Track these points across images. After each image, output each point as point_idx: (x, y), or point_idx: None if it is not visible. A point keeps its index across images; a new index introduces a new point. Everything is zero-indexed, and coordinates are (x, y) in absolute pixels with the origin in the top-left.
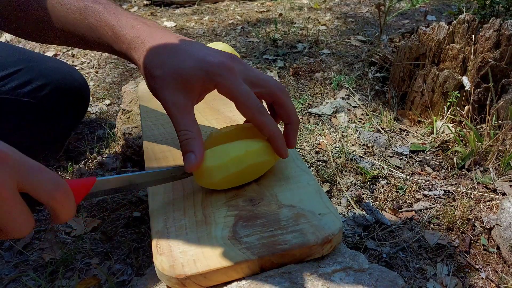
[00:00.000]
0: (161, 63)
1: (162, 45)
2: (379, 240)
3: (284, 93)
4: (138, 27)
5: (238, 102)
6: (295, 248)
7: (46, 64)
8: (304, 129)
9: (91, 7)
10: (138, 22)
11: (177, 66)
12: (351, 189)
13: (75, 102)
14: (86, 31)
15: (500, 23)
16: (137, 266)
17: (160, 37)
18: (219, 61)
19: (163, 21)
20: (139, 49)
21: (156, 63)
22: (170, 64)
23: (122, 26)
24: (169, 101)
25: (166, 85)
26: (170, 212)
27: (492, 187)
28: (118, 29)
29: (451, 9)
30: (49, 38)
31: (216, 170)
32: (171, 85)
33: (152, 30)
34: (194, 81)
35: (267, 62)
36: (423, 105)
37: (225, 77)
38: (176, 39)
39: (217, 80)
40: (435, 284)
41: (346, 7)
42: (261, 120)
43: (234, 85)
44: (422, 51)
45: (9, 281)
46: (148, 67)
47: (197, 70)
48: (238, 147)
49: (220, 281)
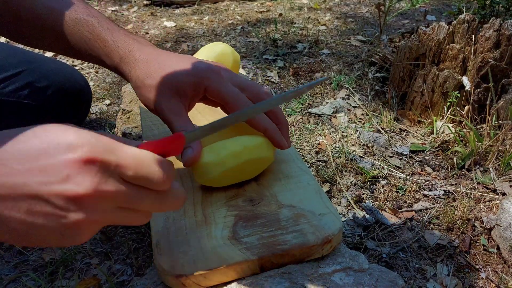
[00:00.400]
0: (152, 72)
1: (152, 58)
2: (379, 240)
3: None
4: (130, 43)
5: (229, 103)
6: (295, 248)
7: (48, 66)
8: (304, 129)
9: (85, 19)
10: (130, 38)
11: (168, 74)
12: (351, 189)
13: (77, 104)
14: (79, 42)
15: (500, 23)
16: (137, 266)
17: (149, 51)
18: (206, 67)
19: (163, 21)
20: (130, 62)
21: (147, 73)
22: (161, 72)
23: (114, 41)
24: (163, 108)
25: (159, 93)
26: (170, 212)
27: (492, 187)
28: (111, 43)
29: (451, 9)
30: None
31: (214, 165)
32: (164, 92)
33: (142, 45)
34: (186, 86)
35: (267, 62)
36: (423, 105)
37: (214, 80)
38: (164, 52)
39: (207, 83)
40: (435, 284)
41: (346, 7)
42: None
43: (223, 87)
44: (422, 51)
45: (9, 281)
46: (140, 77)
47: (188, 76)
48: (236, 142)
49: (220, 281)
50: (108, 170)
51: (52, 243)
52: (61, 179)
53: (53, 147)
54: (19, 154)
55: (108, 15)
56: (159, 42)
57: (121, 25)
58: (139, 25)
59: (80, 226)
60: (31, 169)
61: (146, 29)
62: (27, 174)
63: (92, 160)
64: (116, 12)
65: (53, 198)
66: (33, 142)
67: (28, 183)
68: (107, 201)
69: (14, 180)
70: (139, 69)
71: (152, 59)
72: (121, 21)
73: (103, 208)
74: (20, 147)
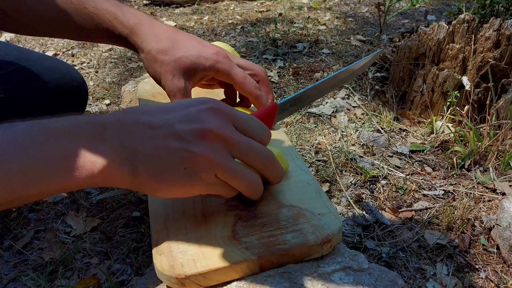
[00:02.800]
0: (165, 50)
1: (163, 34)
2: (378, 240)
3: (265, 73)
4: (140, 16)
5: (238, 81)
6: (294, 248)
7: (44, 63)
8: (304, 129)
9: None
10: (138, 12)
11: (180, 54)
12: (351, 189)
13: (74, 102)
14: (84, 20)
15: (500, 23)
16: (137, 265)
17: (160, 26)
18: (216, 51)
19: (163, 21)
20: (141, 35)
21: (160, 49)
22: (173, 52)
23: (124, 13)
24: (172, 85)
25: (170, 71)
26: (170, 212)
27: (492, 187)
28: (120, 15)
29: (451, 9)
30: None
31: None
32: (175, 70)
33: (153, 20)
34: (196, 68)
35: (267, 62)
36: (423, 105)
37: (224, 63)
38: (174, 30)
39: (217, 66)
40: (435, 284)
41: (346, 6)
42: (258, 94)
43: (232, 69)
44: (422, 51)
45: (9, 280)
46: (152, 52)
47: (199, 58)
48: None
49: (220, 281)
50: (228, 119)
51: (178, 182)
52: (193, 120)
53: (188, 102)
54: (165, 108)
55: None
56: None
57: None
58: None
59: (198, 161)
60: (174, 117)
61: None
62: (170, 120)
63: (217, 110)
64: None
65: (184, 133)
66: (172, 103)
67: (171, 125)
68: (223, 142)
69: (159, 123)
70: (151, 43)
71: (164, 35)
72: None
73: (219, 149)
74: (163, 105)
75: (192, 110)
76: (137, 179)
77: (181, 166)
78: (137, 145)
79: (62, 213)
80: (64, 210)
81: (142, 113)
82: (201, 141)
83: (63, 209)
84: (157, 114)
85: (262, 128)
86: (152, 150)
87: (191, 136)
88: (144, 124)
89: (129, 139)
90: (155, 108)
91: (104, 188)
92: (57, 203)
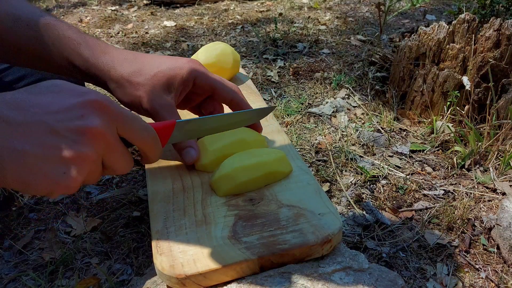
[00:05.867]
0: (138, 71)
1: (132, 57)
2: (379, 240)
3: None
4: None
5: (219, 88)
6: (294, 248)
7: None
8: (304, 129)
9: (53, 24)
10: (100, 41)
11: (155, 71)
12: (351, 189)
13: None
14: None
15: (500, 23)
16: (137, 265)
17: (125, 51)
18: (188, 60)
19: (163, 21)
20: (108, 63)
21: (133, 71)
22: (147, 71)
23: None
24: (156, 104)
25: (150, 90)
26: (170, 212)
27: (492, 186)
28: (83, 45)
29: (451, 9)
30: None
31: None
32: (155, 89)
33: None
34: (174, 80)
35: (267, 62)
36: (423, 104)
37: (201, 71)
38: (138, 53)
39: (196, 74)
40: (435, 283)
41: (346, 6)
42: (241, 98)
43: (210, 76)
44: (422, 51)
45: (9, 280)
46: (124, 76)
47: (174, 70)
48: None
49: (220, 280)
50: (111, 118)
51: (51, 177)
52: (75, 117)
53: (68, 93)
54: (40, 101)
55: (108, 15)
56: (159, 42)
57: (121, 25)
58: (139, 24)
59: (77, 159)
60: (49, 111)
61: (146, 29)
62: (46, 115)
63: (101, 104)
64: (116, 12)
65: (65, 131)
66: (50, 93)
67: (47, 121)
68: (103, 142)
69: (34, 119)
70: (120, 68)
71: (133, 58)
72: (121, 21)
73: (98, 149)
74: (40, 96)
75: (73, 104)
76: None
77: (58, 165)
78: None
79: (63, 213)
80: (64, 210)
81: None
82: (81, 139)
83: (63, 209)
84: (31, 108)
85: (146, 130)
86: (25, 146)
87: (72, 134)
88: (15, 120)
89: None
90: (29, 101)
91: (105, 187)
92: (57, 203)
